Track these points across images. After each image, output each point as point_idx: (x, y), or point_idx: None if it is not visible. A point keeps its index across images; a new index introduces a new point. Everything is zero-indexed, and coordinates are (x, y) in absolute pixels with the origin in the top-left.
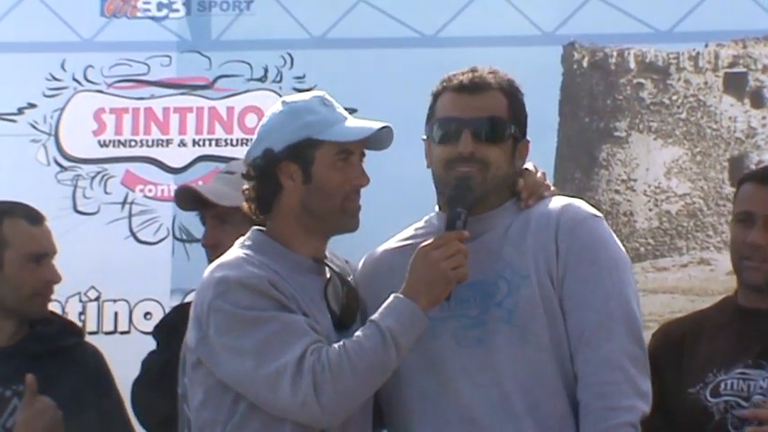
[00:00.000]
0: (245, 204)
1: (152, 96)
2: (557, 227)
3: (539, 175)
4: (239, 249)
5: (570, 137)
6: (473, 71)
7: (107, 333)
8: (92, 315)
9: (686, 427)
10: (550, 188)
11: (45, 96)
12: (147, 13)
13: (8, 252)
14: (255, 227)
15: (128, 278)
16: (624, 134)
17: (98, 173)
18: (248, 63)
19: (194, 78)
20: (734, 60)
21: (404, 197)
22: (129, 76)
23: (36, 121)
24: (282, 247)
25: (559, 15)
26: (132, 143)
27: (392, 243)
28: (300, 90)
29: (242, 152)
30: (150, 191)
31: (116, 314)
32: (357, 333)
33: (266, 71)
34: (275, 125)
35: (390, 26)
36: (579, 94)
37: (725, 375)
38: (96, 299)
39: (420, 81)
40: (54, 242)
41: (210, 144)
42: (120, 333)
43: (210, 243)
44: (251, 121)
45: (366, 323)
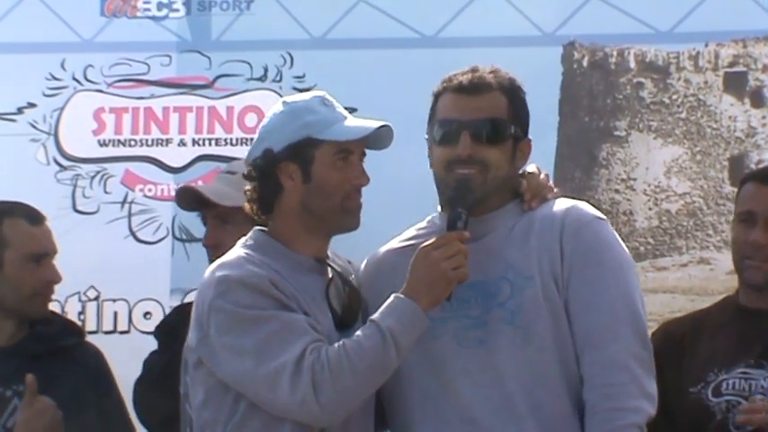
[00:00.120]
0: (247, 205)
1: (152, 96)
2: (561, 229)
3: (542, 176)
4: (240, 249)
5: (570, 136)
6: (473, 71)
7: (106, 333)
8: (91, 315)
9: (687, 426)
10: (554, 190)
11: (45, 96)
12: (147, 13)
13: (8, 252)
14: (257, 227)
15: (127, 278)
16: (624, 133)
17: (98, 172)
18: (248, 63)
19: (194, 78)
20: (734, 60)
21: (404, 197)
22: (129, 76)
23: (36, 121)
24: (284, 247)
25: (559, 15)
26: (132, 143)
27: (395, 243)
28: (300, 90)
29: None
30: (150, 190)
31: (115, 314)
32: (357, 333)
33: (266, 71)
34: (275, 125)
35: (390, 26)
36: (579, 93)
37: (726, 375)
38: (96, 298)
39: (420, 81)
40: (54, 242)
41: (210, 144)
42: (120, 333)
43: (212, 243)
44: (251, 120)
45: (366, 323)
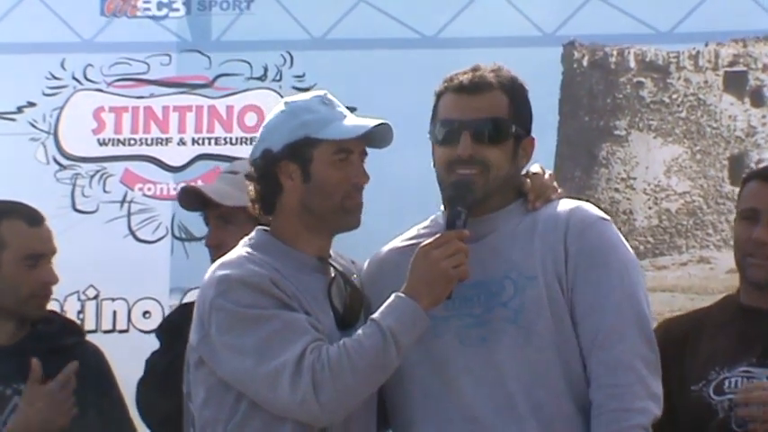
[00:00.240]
0: (250, 205)
1: (151, 95)
2: (565, 229)
3: (546, 177)
4: (242, 248)
5: (570, 136)
6: (474, 70)
7: (106, 332)
8: (90, 314)
9: (689, 424)
10: (558, 191)
11: (44, 95)
12: (147, 13)
13: (5, 253)
14: (260, 226)
15: (126, 277)
16: (624, 133)
17: (97, 171)
18: (248, 62)
19: (194, 77)
20: (734, 59)
21: (404, 197)
22: (129, 76)
23: (35, 120)
24: (285, 246)
25: (559, 15)
26: (131, 142)
27: (397, 242)
28: (300, 89)
29: (241, 151)
30: (149, 189)
31: (115, 313)
32: (358, 332)
33: (266, 70)
34: (275, 125)
35: (390, 26)
36: (579, 93)
37: (728, 373)
38: (95, 297)
39: (420, 81)
40: (53, 243)
41: (210, 143)
42: (119, 332)
43: (214, 243)
44: (250, 119)
45: (367, 322)
